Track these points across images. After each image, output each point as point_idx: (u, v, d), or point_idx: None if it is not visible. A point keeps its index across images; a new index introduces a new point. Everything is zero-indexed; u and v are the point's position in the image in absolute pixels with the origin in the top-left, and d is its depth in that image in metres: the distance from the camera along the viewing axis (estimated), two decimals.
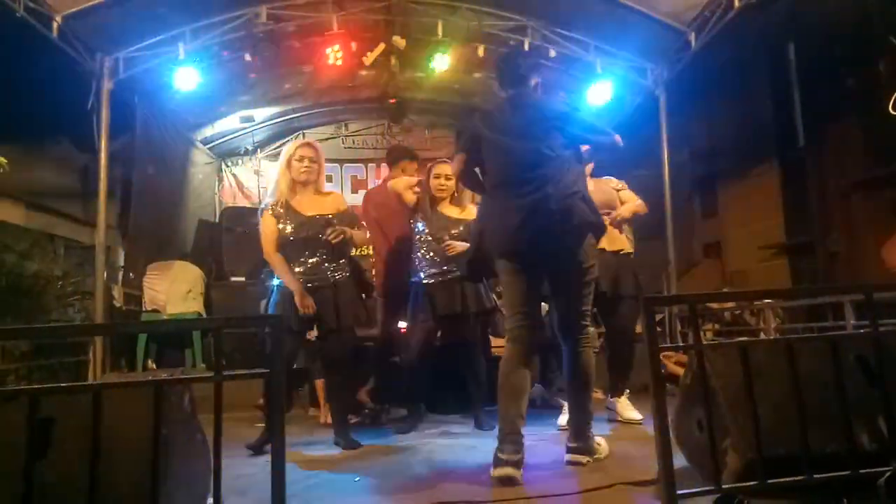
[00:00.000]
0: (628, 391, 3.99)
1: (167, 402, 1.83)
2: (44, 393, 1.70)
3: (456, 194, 4.09)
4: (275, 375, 1.92)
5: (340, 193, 4.19)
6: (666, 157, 6.63)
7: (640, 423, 3.75)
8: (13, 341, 4.11)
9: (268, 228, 3.47)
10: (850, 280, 7.41)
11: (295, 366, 4.03)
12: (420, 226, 4.08)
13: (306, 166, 3.49)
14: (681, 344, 3.89)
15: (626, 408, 3.88)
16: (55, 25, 4.95)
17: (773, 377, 2.01)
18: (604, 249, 3.80)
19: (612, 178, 4.13)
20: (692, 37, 5.87)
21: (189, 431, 2.03)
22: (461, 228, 3.92)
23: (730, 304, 5.70)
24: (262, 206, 3.70)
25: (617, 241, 3.93)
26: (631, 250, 4.05)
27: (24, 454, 1.58)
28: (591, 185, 3.94)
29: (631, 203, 3.96)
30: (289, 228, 3.45)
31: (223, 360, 1.88)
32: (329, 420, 3.89)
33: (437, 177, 4.04)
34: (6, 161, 3.63)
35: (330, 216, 3.48)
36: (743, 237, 8.94)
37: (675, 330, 5.36)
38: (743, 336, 5.42)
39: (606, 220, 3.40)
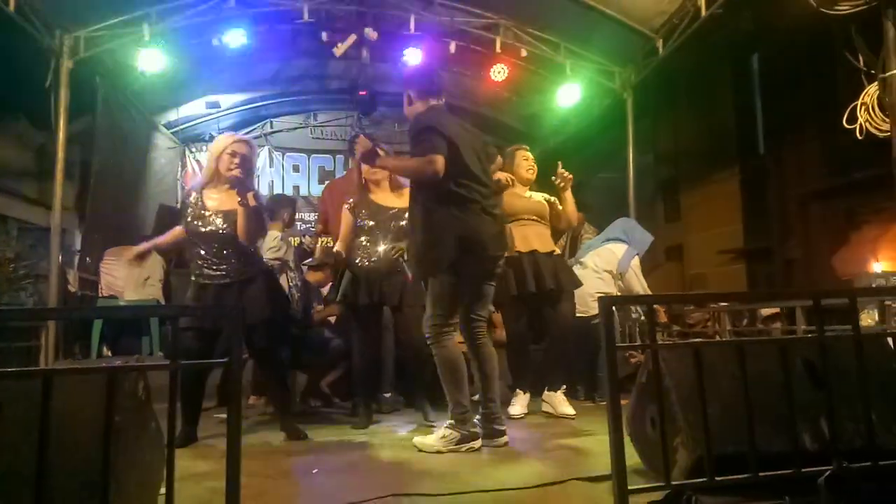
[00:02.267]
0: (565, 387, 4.08)
1: (120, 390, 1.79)
2: None
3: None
4: (233, 364, 1.90)
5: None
6: (631, 159, 6.74)
7: (573, 419, 3.84)
8: None
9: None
10: (804, 285, 7.67)
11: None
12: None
13: (237, 163, 3.32)
14: (637, 343, 3.96)
15: (561, 403, 3.97)
16: (12, 2, 4.76)
17: (724, 378, 2.07)
18: (535, 251, 4.00)
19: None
20: (660, 43, 5.98)
21: (143, 420, 1.99)
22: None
23: (694, 312, 5.86)
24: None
25: (548, 243, 4.12)
26: (559, 252, 4.26)
27: None
28: (514, 193, 4.13)
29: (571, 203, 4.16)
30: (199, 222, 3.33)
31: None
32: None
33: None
34: None
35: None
36: (703, 241, 9.17)
37: (635, 330, 5.47)
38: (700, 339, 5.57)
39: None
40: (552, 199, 4.23)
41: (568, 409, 3.92)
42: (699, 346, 2.13)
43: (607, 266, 4.79)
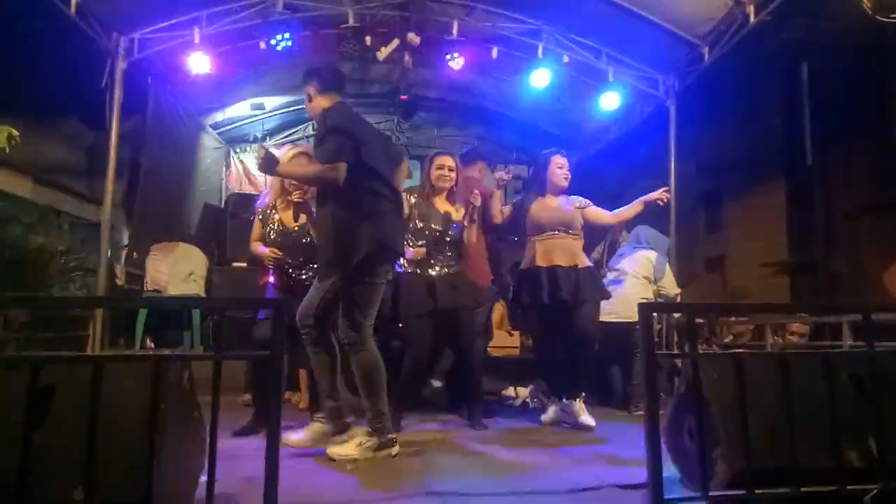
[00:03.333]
0: (584, 394, 4.03)
1: (166, 379, 1.85)
2: (46, 362, 1.72)
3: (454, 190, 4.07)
4: (275, 360, 1.94)
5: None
6: (673, 169, 6.63)
7: (592, 430, 3.79)
8: (14, 311, 4.13)
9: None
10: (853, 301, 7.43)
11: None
12: None
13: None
14: (676, 352, 3.89)
15: (581, 412, 3.92)
16: (73, 2, 4.96)
17: (766, 390, 2.02)
18: (557, 266, 3.96)
19: (576, 196, 4.23)
20: (706, 50, 5.88)
21: (186, 409, 2.05)
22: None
23: (736, 325, 5.75)
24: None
25: (573, 256, 4.03)
26: (587, 264, 4.13)
27: (23, 422, 1.60)
28: (545, 203, 4.09)
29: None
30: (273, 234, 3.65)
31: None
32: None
33: (440, 167, 4.03)
34: (18, 135, 3.64)
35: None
36: (746, 253, 8.93)
37: (672, 338, 5.41)
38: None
39: None
40: (584, 203, 4.17)
41: (587, 420, 3.86)
42: (741, 356, 2.09)
43: (645, 272, 4.80)
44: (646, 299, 4.57)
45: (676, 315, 5.17)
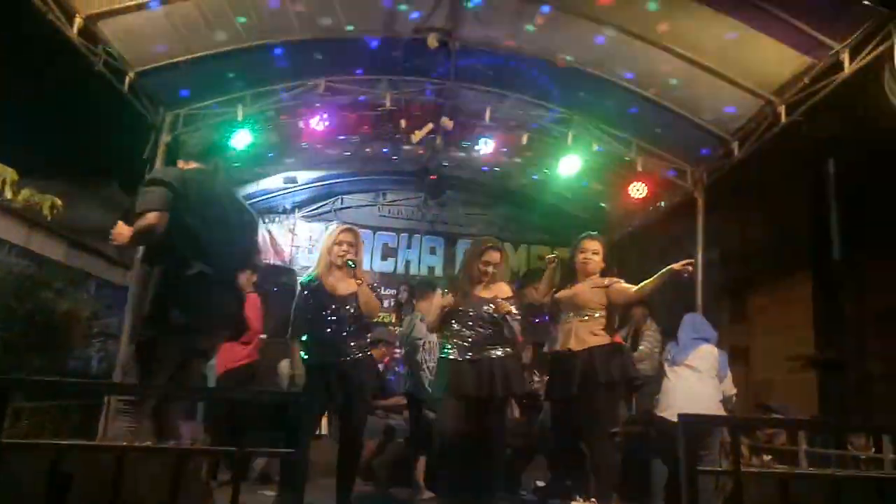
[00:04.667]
0: (615, 496, 3.81)
1: (185, 473, 1.79)
2: (66, 452, 1.69)
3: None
4: (297, 455, 1.88)
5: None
6: (700, 259, 6.57)
7: None
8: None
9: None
10: (882, 406, 7.14)
11: None
12: None
13: (344, 250, 3.69)
14: (719, 469, 3.59)
15: None
16: (127, 80, 5.22)
17: None
18: (561, 351, 3.88)
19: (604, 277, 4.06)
20: (735, 145, 5.94)
21: (201, 499, 1.98)
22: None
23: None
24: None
25: (586, 339, 3.86)
26: (605, 342, 3.89)
27: None
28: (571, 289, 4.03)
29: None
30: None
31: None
32: None
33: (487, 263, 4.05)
34: (60, 203, 3.75)
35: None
36: (771, 346, 8.71)
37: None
38: (773, 455, 5.20)
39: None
40: (610, 282, 4.00)
41: None
42: (787, 477, 1.98)
43: (712, 369, 4.44)
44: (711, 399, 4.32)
45: None
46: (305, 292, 3.71)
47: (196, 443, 3.63)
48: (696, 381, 4.30)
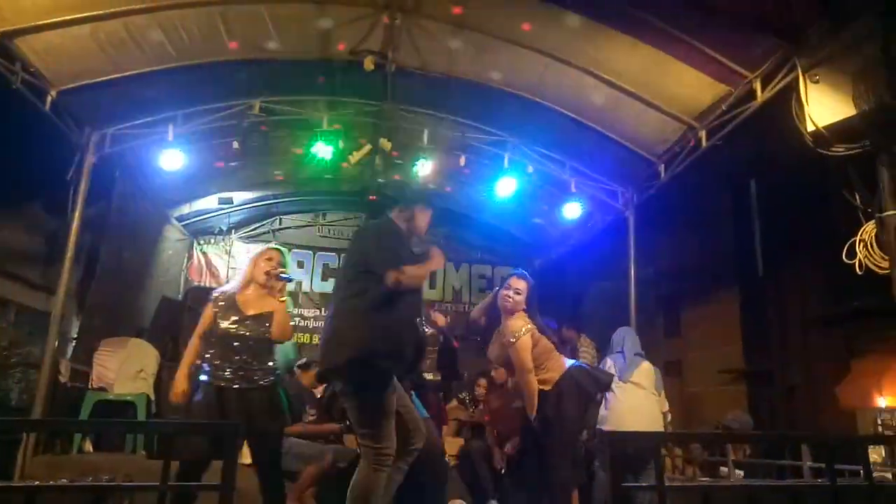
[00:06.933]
0: None
1: None
2: None
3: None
4: (226, 489, 1.83)
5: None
6: (633, 275, 6.78)
7: None
8: None
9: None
10: (806, 413, 7.50)
11: None
12: None
13: (273, 266, 3.56)
14: (644, 484, 3.67)
15: None
16: (49, 99, 5.01)
17: None
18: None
19: (519, 321, 3.80)
20: (661, 168, 6.19)
21: None
22: None
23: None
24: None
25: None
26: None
27: None
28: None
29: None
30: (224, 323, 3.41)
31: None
32: None
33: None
34: None
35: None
36: (703, 359, 9.04)
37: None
38: (702, 467, 5.39)
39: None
40: (514, 337, 3.73)
41: None
42: (708, 490, 2.06)
43: (652, 386, 4.53)
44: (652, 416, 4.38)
45: None
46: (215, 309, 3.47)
47: None
48: (643, 398, 4.43)
